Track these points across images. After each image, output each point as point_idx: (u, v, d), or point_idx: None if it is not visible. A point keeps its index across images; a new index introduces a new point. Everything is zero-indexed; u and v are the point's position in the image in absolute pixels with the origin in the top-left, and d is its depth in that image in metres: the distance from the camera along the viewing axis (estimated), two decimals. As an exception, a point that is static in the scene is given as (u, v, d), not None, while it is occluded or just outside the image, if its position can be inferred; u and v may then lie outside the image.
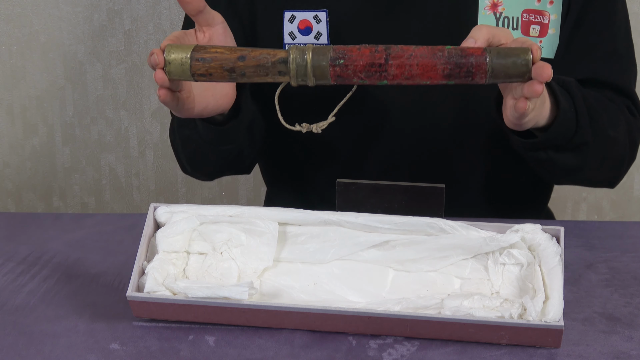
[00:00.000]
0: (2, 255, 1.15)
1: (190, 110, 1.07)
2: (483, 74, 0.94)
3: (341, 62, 0.95)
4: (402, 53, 0.94)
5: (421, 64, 0.94)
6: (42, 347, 0.97)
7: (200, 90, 1.08)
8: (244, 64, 0.97)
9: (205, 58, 0.97)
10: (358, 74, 0.95)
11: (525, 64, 0.93)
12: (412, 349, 0.95)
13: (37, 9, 1.86)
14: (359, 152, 1.30)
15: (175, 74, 0.98)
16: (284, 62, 0.96)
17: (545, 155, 1.14)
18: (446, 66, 0.94)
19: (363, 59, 0.95)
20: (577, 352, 0.95)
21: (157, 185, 1.98)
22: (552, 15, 1.23)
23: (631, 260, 1.12)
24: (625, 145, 1.23)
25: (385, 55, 0.95)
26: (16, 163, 1.96)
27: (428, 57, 0.94)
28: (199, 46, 0.98)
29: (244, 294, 0.95)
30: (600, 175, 1.24)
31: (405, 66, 0.94)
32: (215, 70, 0.98)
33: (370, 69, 0.95)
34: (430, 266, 1.02)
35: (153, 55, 0.98)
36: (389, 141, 1.28)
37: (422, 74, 0.94)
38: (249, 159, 1.30)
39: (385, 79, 0.95)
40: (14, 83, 1.90)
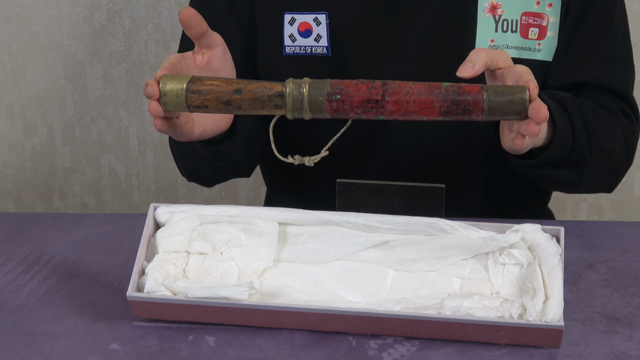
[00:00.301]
0: (2, 255, 1.15)
1: (189, 135, 1.06)
2: (480, 111, 0.94)
3: (338, 97, 0.95)
4: (399, 90, 0.94)
5: (418, 100, 0.94)
6: (42, 347, 0.97)
7: (199, 114, 1.07)
8: (240, 97, 0.96)
9: (201, 90, 0.97)
10: (355, 109, 0.95)
11: (522, 103, 0.93)
12: (412, 349, 0.95)
13: (37, 9, 1.86)
14: (358, 155, 1.30)
15: (171, 105, 0.97)
16: (280, 96, 0.96)
17: (543, 172, 1.15)
18: (443, 104, 0.94)
19: (360, 95, 0.94)
20: (577, 352, 0.95)
21: (157, 185, 1.98)
22: (551, 18, 1.23)
23: (631, 260, 1.12)
24: (621, 156, 1.23)
25: (382, 92, 0.94)
26: (16, 163, 1.96)
27: (425, 94, 0.94)
28: (195, 77, 0.97)
29: (244, 294, 0.95)
30: (596, 185, 1.25)
31: (402, 103, 0.94)
32: (211, 103, 0.97)
33: (367, 105, 0.95)
34: (430, 266, 1.02)
35: (148, 86, 0.97)
36: (389, 143, 1.28)
37: (418, 110, 0.94)
38: (247, 169, 1.31)
39: (381, 114, 0.95)
40: (14, 83, 1.90)
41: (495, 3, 1.22)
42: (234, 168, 1.26)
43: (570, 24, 1.24)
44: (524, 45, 1.23)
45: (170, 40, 1.89)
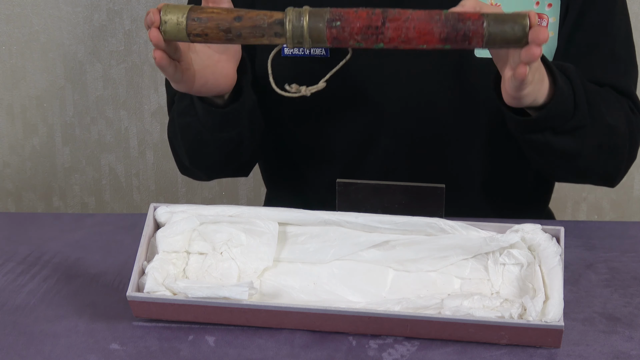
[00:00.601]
0: (2, 255, 1.15)
1: (190, 83, 1.06)
2: (480, 38, 0.94)
3: (338, 24, 0.94)
4: (399, 16, 0.94)
5: (418, 27, 0.94)
6: (42, 347, 0.97)
7: (200, 66, 1.07)
8: (241, 24, 0.96)
9: (201, 18, 0.97)
10: (354, 36, 0.95)
11: (522, 29, 0.93)
12: (412, 349, 0.95)
13: (37, 9, 1.86)
14: (357, 153, 1.30)
15: (171, 33, 0.97)
16: (280, 24, 0.95)
17: (543, 138, 1.14)
18: (443, 30, 0.94)
19: (360, 21, 0.94)
20: (577, 352, 0.95)
21: (157, 185, 1.98)
22: (551, 18, 1.23)
23: (631, 260, 1.12)
24: (624, 135, 1.22)
25: (382, 18, 0.94)
26: (16, 163, 1.96)
27: (425, 20, 0.93)
28: (196, 6, 0.98)
29: (244, 294, 0.95)
30: (598, 165, 1.23)
31: (402, 29, 0.94)
32: (211, 31, 0.97)
33: (367, 32, 0.94)
34: (430, 266, 1.02)
35: (149, 14, 0.96)
36: (388, 142, 1.28)
37: (418, 37, 0.94)
38: (248, 152, 1.29)
39: (381, 41, 0.94)
40: (14, 83, 1.90)
41: (494, 4, 1.22)
42: (238, 143, 1.24)
43: (571, 24, 1.24)
44: None
45: (170, 40, 1.89)
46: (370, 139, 1.29)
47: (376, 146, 1.29)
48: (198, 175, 1.34)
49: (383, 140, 1.28)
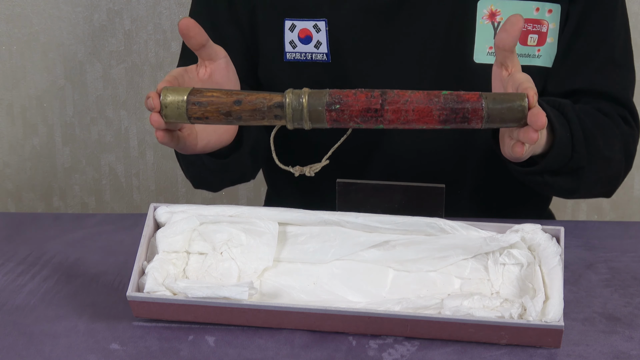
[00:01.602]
0: (2, 255, 1.15)
1: (193, 148, 1.06)
2: (479, 119, 0.94)
3: (337, 107, 0.95)
4: (398, 99, 0.94)
5: (417, 109, 0.94)
6: (42, 347, 0.97)
7: (202, 127, 1.08)
8: (240, 108, 0.97)
9: (201, 102, 0.97)
10: (354, 118, 0.95)
11: (521, 110, 0.93)
12: (412, 349, 0.95)
13: (37, 9, 1.86)
14: (360, 160, 1.30)
15: (172, 117, 0.98)
16: (279, 107, 0.96)
17: (542, 179, 1.15)
18: (442, 112, 0.94)
19: (359, 104, 0.95)
20: (577, 352, 0.95)
21: (157, 185, 1.98)
22: (551, 24, 1.23)
23: (631, 260, 1.12)
24: (620, 162, 1.23)
25: (381, 101, 0.94)
26: (16, 163, 1.96)
27: (424, 102, 0.94)
28: (196, 89, 0.98)
29: (244, 294, 0.95)
30: (595, 192, 1.25)
31: (402, 112, 0.94)
32: (211, 114, 0.97)
33: (366, 114, 0.95)
34: (430, 266, 1.02)
35: (149, 99, 0.97)
36: (389, 148, 1.28)
37: (418, 119, 0.94)
38: (252, 175, 1.32)
39: (381, 123, 0.95)
40: (14, 83, 1.90)
41: (494, 10, 1.22)
42: (240, 176, 1.27)
43: (570, 30, 1.24)
44: (523, 52, 1.23)
45: (170, 40, 1.89)
46: (372, 144, 1.29)
47: (378, 151, 1.29)
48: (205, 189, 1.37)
49: (385, 145, 1.28)
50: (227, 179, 1.28)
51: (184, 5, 1.87)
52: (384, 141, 1.27)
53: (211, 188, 1.35)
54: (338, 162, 1.31)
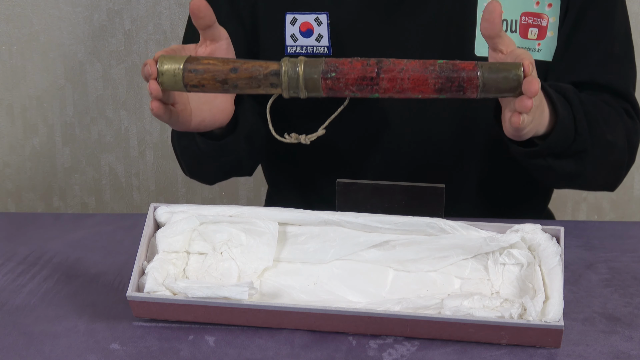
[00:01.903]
0: (2, 255, 1.15)
1: (187, 124, 1.07)
2: (474, 88, 0.94)
3: (333, 75, 0.95)
4: (394, 67, 0.94)
5: (412, 77, 0.94)
6: (42, 347, 0.97)
7: (197, 104, 1.08)
8: (236, 75, 0.97)
9: (197, 69, 0.97)
10: (350, 87, 0.96)
11: (516, 79, 0.93)
12: (412, 349, 0.95)
13: (37, 9, 1.86)
14: (359, 153, 1.30)
15: (168, 85, 0.98)
16: (276, 75, 0.96)
17: (545, 162, 1.15)
18: (437, 80, 0.94)
19: (354, 73, 0.95)
20: (577, 352, 0.95)
21: (157, 185, 1.98)
22: (551, 18, 1.23)
23: (631, 260, 1.12)
24: (623, 150, 1.23)
25: (377, 69, 0.95)
26: (16, 163, 1.96)
27: (420, 71, 0.94)
28: (192, 57, 0.98)
29: (244, 294, 0.95)
30: (599, 179, 1.24)
31: (397, 80, 0.94)
32: (207, 82, 0.98)
33: (362, 82, 0.95)
34: (430, 266, 1.02)
35: (146, 66, 0.98)
36: (389, 142, 1.28)
37: (413, 87, 0.95)
38: (249, 166, 1.31)
39: (376, 92, 0.95)
40: (14, 83, 1.90)
41: None
42: (235, 165, 1.27)
43: (570, 24, 1.24)
44: (523, 46, 1.23)
45: (170, 40, 1.89)
46: (372, 140, 1.29)
47: (377, 147, 1.29)
48: (200, 180, 1.36)
49: (384, 141, 1.28)
50: (222, 168, 1.26)
51: (184, 5, 1.87)
52: (383, 134, 1.27)
53: (206, 178, 1.34)
54: (337, 154, 1.31)
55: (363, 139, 1.29)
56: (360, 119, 1.27)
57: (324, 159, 1.32)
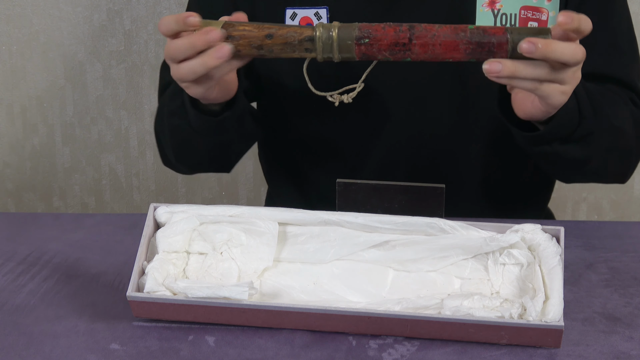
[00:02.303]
0: (2, 255, 1.15)
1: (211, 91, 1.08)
2: (504, 52, 0.97)
3: (366, 41, 0.99)
4: (426, 33, 0.98)
5: (444, 43, 0.98)
6: (42, 347, 0.97)
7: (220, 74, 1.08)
8: (272, 42, 1.01)
9: (234, 36, 1.01)
10: (382, 52, 0.99)
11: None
12: (412, 349, 0.95)
13: (37, 9, 1.86)
14: (359, 151, 1.30)
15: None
16: (310, 40, 1.00)
17: (551, 149, 1.13)
18: (468, 46, 0.97)
19: (387, 39, 0.98)
20: (577, 352, 0.95)
21: (157, 185, 1.98)
22: (551, 12, 1.23)
23: (631, 260, 1.12)
24: (631, 137, 1.21)
25: (409, 35, 0.98)
26: (16, 163, 1.96)
27: (451, 36, 0.97)
28: (228, 23, 1.01)
29: (244, 294, 0.95)
30: (608, 167, 1.22)
31: (429, 45, 0.98)
32: (243, 48, 1.02)
33: (395, 48, 0.99)
34: (430, 266, 1.02)
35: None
36: (390, 141, 1.28)
37: (444, 52, 0.98)
38: (234, 153, 1.29)
39: (408, 56, 0.99)
40: (14, 83, 1.90)
41: None
42: (224, 149, 1.25)
43: None
44: None
45: (170, 40, 1.89)
46: (372, 138, 1.29)
47: (378, 145, 1.29)
48: (181, 170, 1.34)
49: (385, 139, 1.28)
50: (211, 150, 1.24)
51: (184, 5, 1.87)
52: (384, 130, 1.27)
53: (191, 161, 1.30)
54: (336, 154, 1.31)
55: (363, 137, 1.29)
56: (360, 116, 1.27)
57: (323, 158, 1.32)
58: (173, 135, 1.25)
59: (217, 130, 1.19)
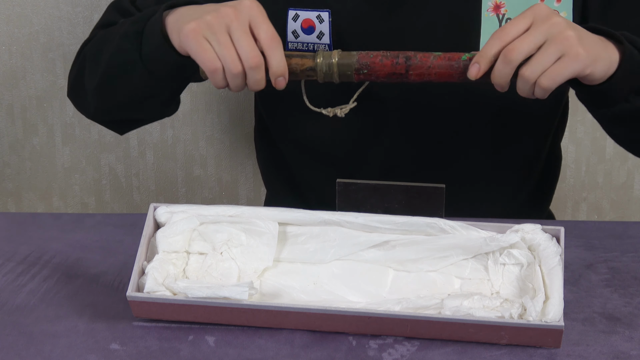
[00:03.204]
0: (2, 255, 1.15)
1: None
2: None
3: (365, 71, 1.07)
4: (421, 65, 1.05)
5: (438, 73, 1.05)
6: (42, 347, 0.97)
7: None
8: None
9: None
10: (380, 79, 1.07)
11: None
12: (412, 349, 0.95)
13: (37, 9, 1.86)
14: (358, 152, 1.30)
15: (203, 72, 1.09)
16: (312, 70, 1.08)
17: (630, 106, 1.09)
18: (462, 75, 1.05)
19: (385, 70, 1.06)
20: (577, 352, 0.95)
21: (157, 185, 1.98)
22: (561, 12, 1.22)
23: (631, 260, 1.12)
24: None
25: (406, 67, 1.06)
26: (16, 163, 1.96)
27: (445, 68, 1.05)
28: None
29: (244, 294, 0.95)
30: None
31: (424, 75, 1.06)
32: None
33: (392, 77, 1.07)
34: (430, 266, 1.02)
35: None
36: (390, 140, 1.28)
37: (439, 79, 1.06)
38: (147, 110, 1.24)
39: (404, 82, 1.07)
40: (14, 83, 1.90)
41: (499, 2, 1.21)
42: (139, 102, 1.20)
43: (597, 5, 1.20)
44: None
45: (170, 40, 1.88)
46: (371, 139, 1.29)
47: (376, 147, 1.29)
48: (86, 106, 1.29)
49: (385, 138, 1.28)
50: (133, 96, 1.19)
51: (184, 5, 1.87)
52: (382, 134, 1.27)
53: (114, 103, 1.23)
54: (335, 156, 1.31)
55: (361, 137, 1.29)
56: (359, 117, 1.27)
57: (322, 159, 1.32)
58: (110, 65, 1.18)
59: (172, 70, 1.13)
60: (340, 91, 1.19)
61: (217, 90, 1.82)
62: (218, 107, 1.84)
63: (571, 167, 1.87)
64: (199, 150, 1.89)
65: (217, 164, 1.90)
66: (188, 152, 1.89)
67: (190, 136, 1.87)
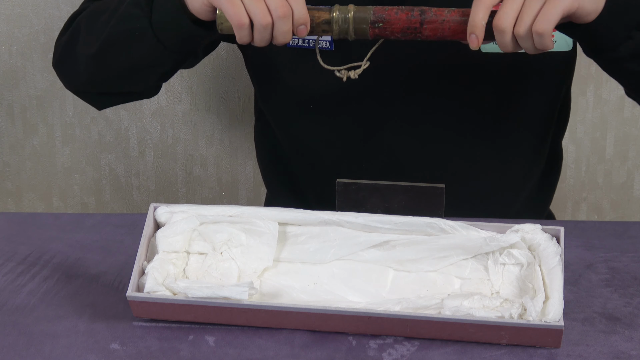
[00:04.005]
0: (2, 255, 1.15)
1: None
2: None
3: (380, 25, 1.06)
4: (436, 18, 1.05)
5: (452, 28, 1.05)
6: (42, 347, 0.97)
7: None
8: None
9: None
10: (395, 34, 1.07)
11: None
12: (412, 349, 0.95)
13: (37, 9, 1.86)
14: (357, 153, 1.30)
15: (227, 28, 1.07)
16: (327, 23, 1.07)
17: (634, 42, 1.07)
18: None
19: (400, 23, 1.06)
20: (577, 352, 0.95)
21: (157, 185, 1.98)
22: None
23: (631, 260, 1.12)
24: None
25: (421, 20, 1.05)
26: (16, 163, 1.96)
27: (459, 22, 1.05)
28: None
29: (244, 294, 0.95)
30: None
31: (438, 30, 1.06)
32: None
33: (407, 31, 1.06)
34: (430, 266, 1.02)
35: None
36: (389, 140, 1.28)
37: (452, 35, 1.06)
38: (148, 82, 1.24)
39: (419, 37, 1.07)
40: (14, 83, 1.90)
41: None
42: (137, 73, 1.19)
43: None
44: None
45: (170, 40, 1.88)
46: (371, 137, 1.29)
47: (376, 144, 1.29)
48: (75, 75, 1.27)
49: (383, 138, 1.28)
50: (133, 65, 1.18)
51: (184, 5, 1.87)
52: (382, 134, 1.27)
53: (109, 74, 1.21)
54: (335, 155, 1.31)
55: (361, 138, 1.29)
56: (358, 118, 1.27)
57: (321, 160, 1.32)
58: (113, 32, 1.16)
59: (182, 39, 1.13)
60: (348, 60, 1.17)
61: (217, 90, 1.82)
62: (218, 107, 1.84)
63: (571, 167, 1.87)
64: (199, 150, 1.89)
65: (217, 164, 1.90)
66: (188, 152, 1.89)
67: (190, 136, 1.87)
